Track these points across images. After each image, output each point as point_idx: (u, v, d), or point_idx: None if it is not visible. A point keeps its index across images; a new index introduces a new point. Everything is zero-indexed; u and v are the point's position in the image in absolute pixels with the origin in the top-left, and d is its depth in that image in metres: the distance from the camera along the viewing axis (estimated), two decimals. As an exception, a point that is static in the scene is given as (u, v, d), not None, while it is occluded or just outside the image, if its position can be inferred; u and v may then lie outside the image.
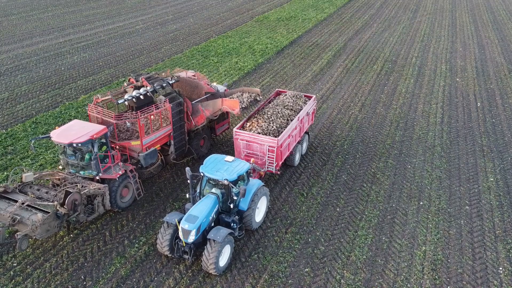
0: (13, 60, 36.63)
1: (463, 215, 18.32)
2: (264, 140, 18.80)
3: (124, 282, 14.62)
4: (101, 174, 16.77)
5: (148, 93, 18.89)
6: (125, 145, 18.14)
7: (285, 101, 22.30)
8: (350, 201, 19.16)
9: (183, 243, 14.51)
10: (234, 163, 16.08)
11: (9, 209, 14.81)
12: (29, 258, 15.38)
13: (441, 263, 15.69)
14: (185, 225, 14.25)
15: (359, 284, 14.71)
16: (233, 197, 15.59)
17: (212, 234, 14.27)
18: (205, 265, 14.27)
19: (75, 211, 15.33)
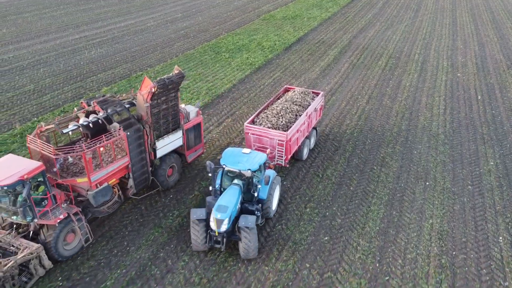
0: (34, 55, 38.23)
1: (466, 193, 20.02)
2: (274, 134, 19.51)
3: (163, 248, 16.28)
4: (36, 220, 14.42)
5: (99, 120, 16.54)
6: (70, 183, 15.64)
7: (294, 97, 23.31)
8: (362, 181, 20.84)
9: (216, 233, 15.06)
10: (252, 154, 16.91)
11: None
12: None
13: (447, 233, 17.37)
14: (217, 215, 14.86)
15: (374, 250, 16.38)
16: (257, 186, 16.55)
17: (243, 222, 14.94)
18: (246, 252, 14.97)
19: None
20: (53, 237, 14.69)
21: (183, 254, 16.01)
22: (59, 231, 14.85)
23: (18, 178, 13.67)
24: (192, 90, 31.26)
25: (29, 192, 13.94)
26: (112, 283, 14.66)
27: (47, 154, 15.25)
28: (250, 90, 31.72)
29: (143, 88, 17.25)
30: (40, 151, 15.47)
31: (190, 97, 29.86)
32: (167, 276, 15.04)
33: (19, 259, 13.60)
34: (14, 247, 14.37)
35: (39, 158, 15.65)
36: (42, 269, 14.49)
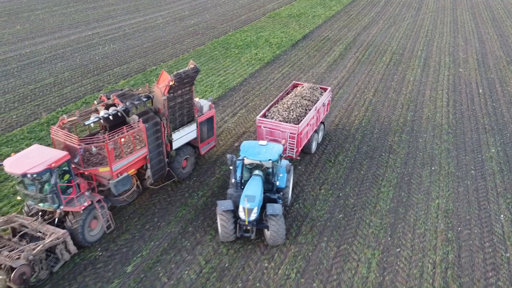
0: (50, 50, 39.53)
1: (469, 177, 21.42)
2: (285, 127, 20.29)
3: (191, 223, 17.66)
4: (62, 207, 15.19)
5: (119, 112, 17.26)
6: (92, 172, 16.44)
7: (303, 92, 24.30)
8: (371, 166, 22.23)
9: (246, 222, 15.72)
10: (269, 145, 17.64)
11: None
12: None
13: (452, 212, 18.76)
14: (247, 205, 15.52)
15: (385, 226, 17.77)
16: (278, 175, 17.40)
17: (271, 210, 15.58)
18: (274, 239, 15.67)
19: (27, 283, 13.80)
20: (78, 223, 15.43)
21: (210, 229, 17.37)
22: (83, 218, 15.52)
23: (46, 166, 14.31)
24: (205, 83, 32.59)
25: (56, 180, 14.61)
26: (147, 253, 16.02)
27: (71, 144, 15.80)
28: (261, 84, 33.07)
29: (161, 82, 18.20)
30: (64, 142, 16.04)
31: (204, 90, 31.19)
32: (197, 247, 16.40)
33: (47, 243, 14.23)
34: (41, 233, 15.03)
35: (63, 149, 16.07)
36: (68, 254, 15.13)
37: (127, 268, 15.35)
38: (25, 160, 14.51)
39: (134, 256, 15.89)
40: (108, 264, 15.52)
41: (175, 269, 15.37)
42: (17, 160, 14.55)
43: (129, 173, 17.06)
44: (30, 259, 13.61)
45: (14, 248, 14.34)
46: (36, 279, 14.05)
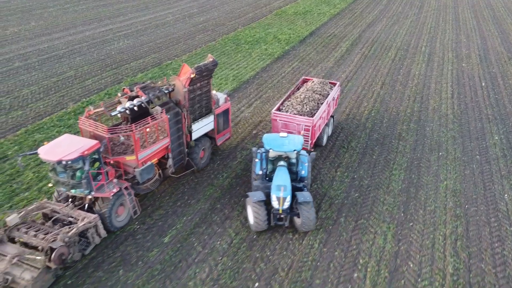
0: (67, 45, 40.92)
1: (474, 161, 22.87)
2: (300, 120, 20.98)
3: (219, 201, 19.08)
4: (93, 192, 15.97)
5: (143, 104, 17.97)
6: (120, 160, 17.14)
7: (314, 87, 25.31)
8: (383, 152, 23.67)
9: (280, 211, 16.36)
10: (290, 136, 18.27)
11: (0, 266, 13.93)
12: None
13: (460, 192, 20.21)
14: (280, 194, 16.20)
15: (398, 204, 19.21)
16: (303, 164, 18.33)
17: (302, 198, 16.27)
18: (306, 225, 16.37)
19: (65, 263, 14.53)
20: (107, 208, 16.14)
21: (236, 205, 18.80)
22: (112, 203, 16.22)
23: (80, 154, 15.07)
24: (219, 77, 33.99)
25: (89, 167, 15.40)
26: (181, 226, 17.45)
27: (99, 133, 16.50)
28: (273, 77, 34.49)
29: (182, 74, 18.99)
30: (93, 131, 16.71)
31: (219, 83, 32.60)
32: (226, 221, 17.83)
33: (80, 227, 14.97)
34: (72, 217, 15.76)
35: (90, 138, 16.63)
36: (98, 237, 15.82)
37: (164, 239, 16.76)
38: (58, 148, 15.32)
39: (169, 229, 17.30)
40: (146, 235, 16.93)
41: (208, 240, 16.79)
42: (51, 148, 15.35)
43: (152, 162, 17.87)
44: (66, 241, 14.33)
45: (49, 231, 15.03)
46: (71, 260, 14.79)
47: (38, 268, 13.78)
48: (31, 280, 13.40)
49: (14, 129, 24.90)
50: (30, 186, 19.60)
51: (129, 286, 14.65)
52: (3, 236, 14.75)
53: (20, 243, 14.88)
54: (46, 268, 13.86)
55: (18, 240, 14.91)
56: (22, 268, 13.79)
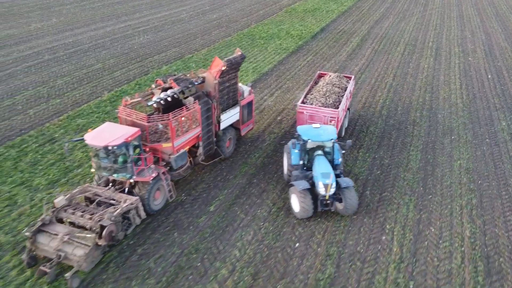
0: (90, 40, 42.80)
1: (484, 144, 24.79)
2: (326, 112, 21.81)
3: (255, 177, 20.99)
4: (134, 177, 16.83)
5: (175, 94, 18.93)
6: (157, 147, 18.10)
7: (333, 80, 26.49)
8: (399, 135, 25.58)
9: (326, 197, 17.27)
10: (323, 127, 19.24)
11: (51, 244, 14.84)
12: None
13: (472, 170, 22.11)
14: (326, 181, 17.05)
15: (417, 180, 21.11)
16: (340, 152, 19.70)
17: (345, 184, 17.29)
18: (350, 208, 17.38)
19: (114, 240, 15.54)
20: (147, 192, 17.01)
21: (271, 180, 20.71)
22: (151, 187, 17.09)
23: (124, 140, 16.07)
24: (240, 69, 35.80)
25: (132, 152, 16.40)
26: (223, 197, 19.36)
27: (139, 122, 17.48)
28: (290, 69, 36.41)
29: (213, 67, 20.09)
30: (132, 120, 17.65)
31: (240, 75, 34.44)
32: (263, 194, 19.74)
33: (124, 207, 15.80)
34: (114, 200, 16.62)
35: (129, 126, 17.49)
36: (139, 218, 16.68)
37: (210, 208, 18.66)
38: (103, 135, 16.34)
39: (213, 200, 19.20)
40: (193, 205, 18.84)
41: (249, 209, 18.70)
42: (96, 135, 16.44)
43: (185, 149, 18.95)
44: (113, 220, 15.23)
45: (93, 212, 15.93)
46: (116, 238, 15.70)
47: (88, 245, 14.55)
48: (83, 256, 14.23)
49: (56, 115, 26.79)
50: (81, 164, 21.47)
51: (184, 246, 16.54)
52: (52, 217, 15.67)
53: (68, 223, 15.88)
54: (96, 245, 14.68)
55: (66, 220, 15.88)
56: (73, 246, 14.68)
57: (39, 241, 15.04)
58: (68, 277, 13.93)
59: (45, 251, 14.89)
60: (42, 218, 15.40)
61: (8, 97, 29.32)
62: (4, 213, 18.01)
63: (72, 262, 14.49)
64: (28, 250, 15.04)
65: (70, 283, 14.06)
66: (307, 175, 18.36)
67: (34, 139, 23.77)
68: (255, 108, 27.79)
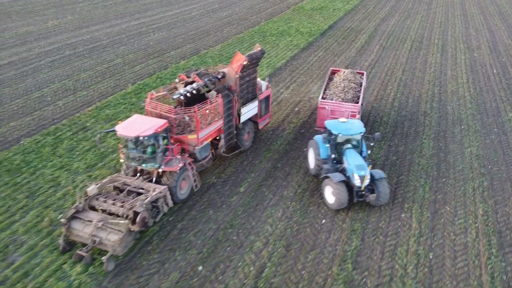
0: (107, 36, 44.15)
1: (493, 133, 26.16)
2: (347, 107, 22.61)
3: (279, 161, 22.37)
4: (163, 166, 17.51)
5: (199, 88, 19.75)
6: (183, 138, 18.84)
7: (348, 76, 27.50)
8: (412, 125, 26.95)
9: (362, 188, 17.90)
10: (350, 121, 19.89)
11: (86, 230, 15.51)
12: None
13: (482, 156, 23.48)
14: (361, 173, 17.69)
15: (431, 164, 22.48)
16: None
17: (377, 175, 17.98)
18: (384, 198, 18.03)
19: (146, 226, 16.29)
20: (174, 181, 17.65)
21: (294, 165, 22.09)
22: (178, 177, 17.73)
23: (154, 131, 16.82)
24: (254, 64, 37.18)
25: (161, 143, 17.11)
26: (251, 180, 20.73)
27: (166, 114, 18.25)
28: (303, 65, 37.78)
29: (234, 62, 20.80)
30: (159, 112, 18.44)
31: (255, 69, 35.79)
32: (288, 177, 21.11)
33: (154, 196, 16.47)
34: (143, 189, 17.27)
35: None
36: (166, 206, 17.35)
37: (239, 189, 20.04)
38: (133, 126, 17.16)
39: (242, 182, 20.58)
40: (224, 186, 20.21)
41: (276, 190, 20.08)
42: (127, 126, 17.25)
43: (208, 141, 19.76)
44: (144, 207, 15.90)
45: (124, 200, 16.63)
46: (147, 224, 16.40)
47: (122, 231, 15.20)
48: (118, 241, 14.87)
49: (84, 106, 28.17)
50: (115, 150, 22.82)
51: (220, 222, 17.92)
52: (85, 204, 16.43)
53: (100, 211, 16.52)
54: (128, 231, 15.38)
55: (99, 208, 16.53)
56: (106, 232, 15.33)
57: (73, 227, 15.75)
58: (104, 260, 14.70)
59: (79, 237, 15.60)
60: (75, 206, 16.10)
61: (37, 90, 30.67)
62: (49, 193, 19.37)
63: (107, 246, 15.13)
64: (63, 235, 15.74)
65: (106, 266, 14.79)
66: (337, 168, 19.11)
67: (67, 128, 25.13)
68: (272, 100, 29.09)
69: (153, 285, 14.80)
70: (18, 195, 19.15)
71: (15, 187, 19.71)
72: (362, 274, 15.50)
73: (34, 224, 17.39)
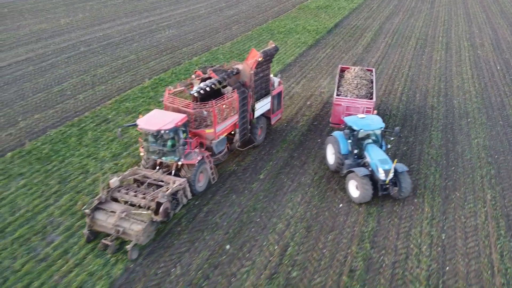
0: (119, 34, 45.18)
1: (498, 126, 27.20)
2: (362, 103, 23.09)
3: (295, 151, 23.40)
4: (182, 159, 18.02)
5: (214, 84, 20.04)
6: (200, 132, 19.36)
7: (359, 73, 27.93)
8: (420, 118, 27.99)
9: (386, 181, 18.33)
10: (369, 116, 20.40)
11: (109, 220, 15.99)
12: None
13: (489, 146, 24.50)
14: (385, 167, 18.15)
15: (441, 154, 23.53)
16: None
17: (400, 169, 18.44)
18: (406, 191, 18.50)
19: (168, 216, 16.73)
20: (193, 174, 18.18)
21: (310, 154, 23.14)
22: (197, 169, 18.26)
23: (174, 124, 17.44)
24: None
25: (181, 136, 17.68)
26: (270, 167, 21.78)
27: (184, 109, 18.86)
28: (312, 61, 38.82)
29: (249, 58, 21.23)
30: (178, 107, 19.03)
31: (266, 65, 36.81)
32: (304, 165, 22.16)
33: (174, 188, 16.94)
34: (163, 181, 17.72)
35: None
36: (185, 198, 17.79)
37: (259, 176, 21.08)
38: (154, 120, 17.73)
39: (261, 169, 21.62)
40: (245, 173, 21.26)
41: (294, 177, 21.12)
42: (148, 120, 17.83)
43: (224, 136, 20.36)
44: (166, 198, 16.39)
45: (145, 193, 17.06)
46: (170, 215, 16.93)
47: (144, 222, 15.74)
48: (141, 231, 15.39)
49: (104, 100, 29.21)
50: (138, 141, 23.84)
51: (243, 206, 18.96)
52: (107, 196, 16.87)
53: (123, 202, 16.98)
54: (151, 222, 15.90)
55: (121, 199, 16.98)
56: (129, 222, 15.85)
57: (97, 218, 16.22)
58: (128, 249, 15.30)
59: (103, 227, 16.08)
60: (99, 197, 16.60)
61: (56, 84, 31.71)
62: (80, 179, 20.42)
63: (130, 236, 15.65)
64: (88, 225, 16.25)
65: (130, 254, 15.41)
66: (359, 163, 19.66)
67: (90, 120, 26.17)
68: (285, 94, 30.14)
69: (185, 262, 15.82)
70: (50, 181, 20.18)
71: (47, 174, 20.74)
72: (380, 252, 16.53)
73: (68, 207, 18.41)
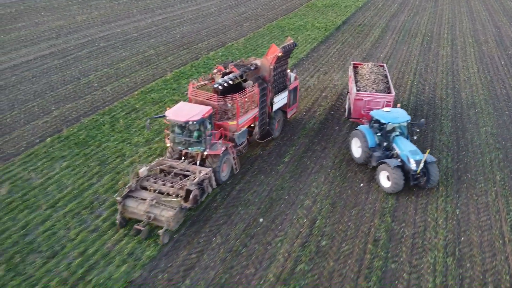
0: (136, 30, 46.72)
1: (505, 115, 28.77)
2: (382, 97, 23.78)
3: (315, 137, 24.96)
4: (208, 150, 18.69)
5: (235, 78, 20.74)
6: (224, 124, 20.04)
7: (373, 69, 28.86)
8: (430, 109, 29.56)
9: (418, 171, 18.97)
10: (394, 110, 21.22)
11: (140, 207, 16.58)
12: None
13: (497, 134, 26.06)
14: (416, 157, 18.88)
15: (451, 141, 25.09)
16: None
17: (429, 159, 19.04)
18: (435, 181, 19.29)
19: (197, 203, 17.45)
20: (217, 164, 18.84)
21: (329, 140, 24.71)
22: (221, 159, 18.94)
23: (202, 116, 18.17)
24: (278, 55, 39.77)
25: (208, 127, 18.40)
26: (293, 151, 23.34)
27: (209, 102, 19.64)
28: (323, 56, 40.39)
29: (269, 54, 21.93)
30: (202, 100, 19.80)
31: (279, 60, 38.37)
32: (325, 150, 23.73)
33: (201, 176, 17.64)
34: (189, 171, 18.35)
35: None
36: (211, 187, 18.53)
37: (284, 159, 22.64)
38: (182, 112, 18.52)
39: (285, 154, 23.18)
40: (270, 157, 22.81)
41: (316, 160, 22.69)
42: (176, 112, 18.64)
43: (245, 128, 21.10)
44: (194, 186, 17.07)
45: (173, 182, 17.74)
46: (198, 202, 17.64)
47: (174, 208, 16.43)
48: (172, 216, 16.08)
49: (130, 91, 30.76)
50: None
51: (271, 185, 20.53)
52: (137, 185, 17.63)
53: (152, 190, 17.64)
54: (180, 208, 16.61)
55: (150, 188, 17.68)
56: (159, 209, 16.50)
57: (128, 205, 16.91)
58: (160, 234, 16.03)
59: (133, 214, 16.80)
60: (129, 186, 17.34)
61: (83, 77, 33.27)
62: (118, 161, 21.97)
63: (161, 222, 16.28)
64: (119, 212, 16.93)
65: (162, 239, 16.12)
66: (387, 155, 20.49)
67: (120, 109, 27.73)
68: (300, 87, 31.66)
69: (224, 232, 17.39)
70: (91, 163, 21.74)
71: (86, 157, 22.29)
72: (400, 225, 18.10)
73: (110, 186, 19.96)
